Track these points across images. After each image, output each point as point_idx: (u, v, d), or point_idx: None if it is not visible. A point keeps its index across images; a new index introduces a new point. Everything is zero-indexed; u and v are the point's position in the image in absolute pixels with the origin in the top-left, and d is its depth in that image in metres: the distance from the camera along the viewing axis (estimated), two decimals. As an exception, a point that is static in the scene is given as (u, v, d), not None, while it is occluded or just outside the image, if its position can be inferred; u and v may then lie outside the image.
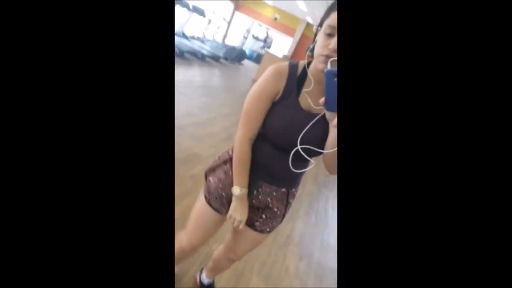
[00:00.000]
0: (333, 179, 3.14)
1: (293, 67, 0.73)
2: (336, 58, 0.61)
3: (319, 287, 1.63)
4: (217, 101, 4.21)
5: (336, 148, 0.66)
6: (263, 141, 0.79)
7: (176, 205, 1.73)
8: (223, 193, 0.85)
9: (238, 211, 0.81)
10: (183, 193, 1.84)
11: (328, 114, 0.65)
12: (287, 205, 0.88)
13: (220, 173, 0.86)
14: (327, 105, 0.62)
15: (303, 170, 0.81)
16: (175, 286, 1.22)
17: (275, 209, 0.86)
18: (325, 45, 0.63)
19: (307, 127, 0.70)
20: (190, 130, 2.82)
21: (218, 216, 0.89)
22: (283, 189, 0.85)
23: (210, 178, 0.88)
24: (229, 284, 1.38)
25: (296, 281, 1.59)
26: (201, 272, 1.28)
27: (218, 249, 1.13)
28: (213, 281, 1.26)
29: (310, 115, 0.72)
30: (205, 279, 1.24)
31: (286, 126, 0.73)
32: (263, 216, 0.87)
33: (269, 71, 0.73)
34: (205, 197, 0.89)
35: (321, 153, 0.72)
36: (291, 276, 1.62)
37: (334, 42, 0.60)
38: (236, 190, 0.80)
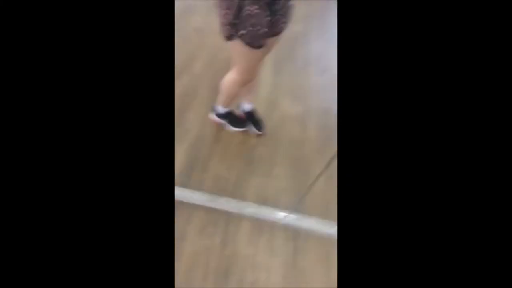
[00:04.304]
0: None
1: None
2: None
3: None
4: None
5: None
6: None
7: (194, 60, 1.76)
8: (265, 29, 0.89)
9: None
10: (195, 48, 1.83)
11: None
12: None
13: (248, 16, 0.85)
14: None
15: None
16: (232, 117, 1.44)
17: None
18: None
19: None
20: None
21: (262, 51, 0.99)
22: None
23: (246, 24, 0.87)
24: (268, 109, 1.59)
25: (321, 93, 1.76)
26: (240, 106, 1.44)
27: None
28: (253, 107, 1.44)
29: None
30: (246, 106, 1.42)
31: None
32: (284, 17, 0.95)
33: None
34: (248, 44, 0.92)
35: None
36: (314, 91, 1.77)
37: None
38: None
